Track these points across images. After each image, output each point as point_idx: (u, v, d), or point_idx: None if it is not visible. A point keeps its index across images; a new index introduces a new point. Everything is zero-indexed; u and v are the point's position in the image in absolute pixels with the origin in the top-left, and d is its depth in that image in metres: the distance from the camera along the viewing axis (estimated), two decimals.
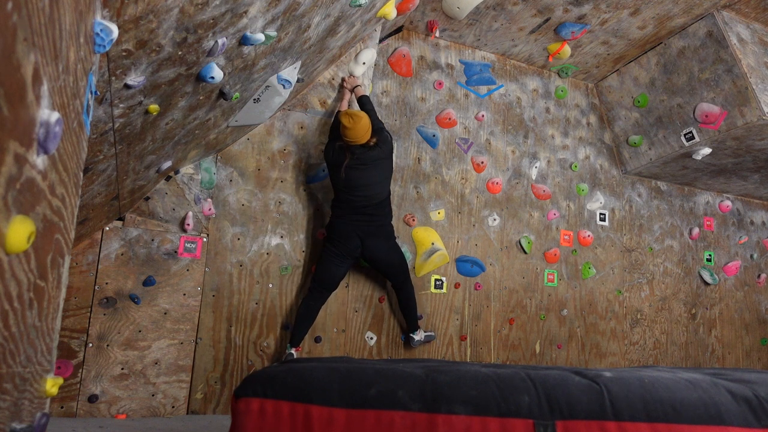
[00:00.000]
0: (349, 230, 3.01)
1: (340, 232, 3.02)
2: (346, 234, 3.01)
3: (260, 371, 1.45)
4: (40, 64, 0.66)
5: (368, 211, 3.04)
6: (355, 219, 3.02)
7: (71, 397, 2.59)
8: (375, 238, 3.07)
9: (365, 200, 3.02)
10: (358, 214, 3.03)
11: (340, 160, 2.99)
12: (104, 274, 2.74)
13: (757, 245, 5.23)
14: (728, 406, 1.39)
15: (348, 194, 3.00)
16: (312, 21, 2.23)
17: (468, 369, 1.49)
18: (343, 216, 3.03)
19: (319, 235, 3.31)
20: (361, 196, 3.00)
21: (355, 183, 2.99)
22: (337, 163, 3.00)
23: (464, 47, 4.09)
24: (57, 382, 0.96)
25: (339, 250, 3.02)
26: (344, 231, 3.01)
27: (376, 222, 3.07)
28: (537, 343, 3.98)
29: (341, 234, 3.02)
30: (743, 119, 3.54)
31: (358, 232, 3.02)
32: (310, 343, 3.22)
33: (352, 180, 2.98)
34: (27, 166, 0.65)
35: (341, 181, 2.99)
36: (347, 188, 2.99)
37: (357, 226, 3.02)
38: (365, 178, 2.99)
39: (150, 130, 1.98)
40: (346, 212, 3.03)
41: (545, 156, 4.30)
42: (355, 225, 3.02)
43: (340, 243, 3.02)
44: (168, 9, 1.32)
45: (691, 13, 3.60)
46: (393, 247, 3.16)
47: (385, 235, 3.11)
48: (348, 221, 3.02)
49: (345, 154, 2.99)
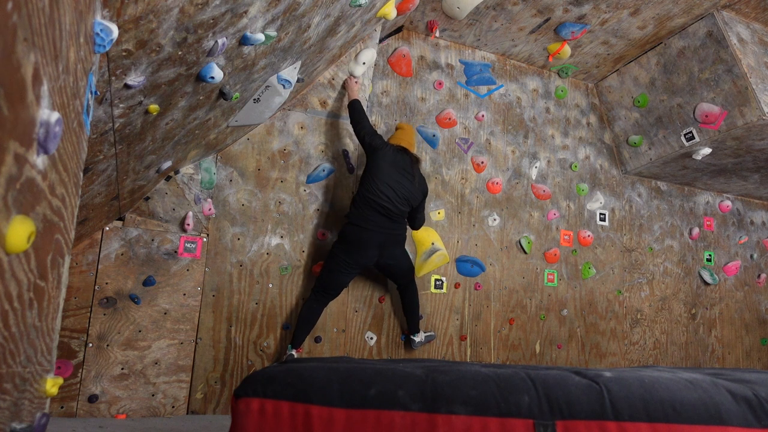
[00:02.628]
0: (369, 238, 2.92)
1: (360, 240, 2.92)
2: (365, 242, 2.92)
3: (260, 371, 1.45)
4: (40, 64, 0.66)
5: (396, 218, 2.99)
6: (380, 225, 2.93)
7: (71, 397, 2.60)
8: (393, 246, 3.04)
9: (401, 206, 2.99)
10: (384, 218, 2.95)
11: (400, 162, 3.02)
12: (104, 274, 2.74)
13: (757, 245, 5.23)
14: (728, 406, 1.39)
15: (386, 196, 2.94)
16: (312, 21, 2.23)
17: (468, 369, 1.49)
18: (366, 221, 2.91)
19: (319, 235, 3.31)
20: (398, 202, 2.97)
21: (403, 188, 2.99)
22: (394, 162, 3.00)
23: (464, 47, 4.09)
24: (57, 382, 0.96)
25: (352, 260, 2.94)
26: (364, 239, 2.92)
27: (398, 230, 3.03)
28: (537, 343, 3.98)
29: (360, 242, 2.92)
30: (743, 119, 3.54)
31: (380, 239, 2.94)
32: (310, 343, 3.22)
33: (403, 184, 3.00)
34: (27, 166, 0.65)
35: (391, 182, 2.95)
36: (392, 190, 2.95)
37: (379, 233, 2.94)
38: (411, 186, 3.03)
39: (150, 130, 1.99)
40: (371, 216, 2.92)
41: (545, 156, 4.30)
42: (377, 232, 2.93)
43: (356, 252, 2.93)
44: (168, 9, 1.32)
45: (691, 13, 3.60)
46: (405, 254, 3.18)
47: (401, 242, 3.11)
48: (371, 227, 2.91)
49: (409, 157, 3.07)
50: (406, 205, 3.03)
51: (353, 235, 2.92)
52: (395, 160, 3.01)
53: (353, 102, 3.16)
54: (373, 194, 2.93)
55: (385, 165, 2.98)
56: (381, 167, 2.97)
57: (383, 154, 3.00)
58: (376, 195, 2.93)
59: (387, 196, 2.94)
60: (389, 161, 2.99)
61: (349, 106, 3.18)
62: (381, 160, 2.99)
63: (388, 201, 2.94)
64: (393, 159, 3.01)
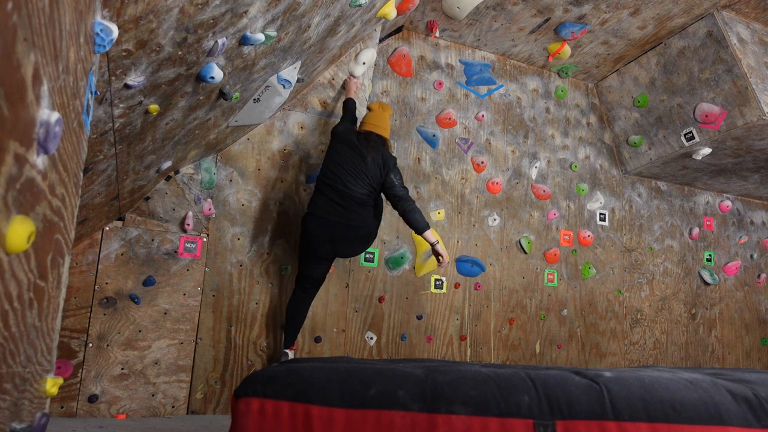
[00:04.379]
0: (318, 229, 2.74)
1: (310, 231, 2.76)
2: (315, 234, 2.75)
3: (260, 371, 1.45)
4: (40, 64, 0.66)
5: (351, 204, 2.74)
6: (331, 212, 2.73)
7: (71, 397, 2.59)
8: (350, 243, 2.81)
9: (356, 187, 2.75)
10: (335, 205, 2.73)
11: (354, 141, 2.82)
12: (104, 274, 2.74)
13: (757, 245, 5.23)
14: (728, 406, 1.39)
15: (337, 177, 2.75)
16: (312, 21, 2.23)
17: (468, 369, 1.49)
18: (315, 207, 2.77)
19: None
20: (352, 183, 2.75)
21: (357, 166, 2.76)
22: (349, 143, 2.82)
23: (464, 47, 4.09)
24: (57, 382, 0.96)
25: (310, 251, 2.81)
26: (313, 229, 2.75)
27: (355, 220, 2.75)
28: (537, 343, 3.98)
29: (311, 233, 2.76)
30: (743, 119, 3.54)
31: (330, 232, 2.74)
32: (310, 343, 3.22)
33: (357, 162, 2.76)
34: (27, 166, 0.65)
35: (342, 161, 2.76)
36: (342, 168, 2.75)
37: (330, 223, 2.73)
38: (364, 164, 2.77)
39: (150, 130, 1.98)
40: (321, 202, 2.76)
41: (545, 156, 4.30)
42: (327, 221, 2.73)
43: (312, 243, 2.78)
44: (168, 9, 1.32)
45: (691, 13, 3.60)
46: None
47: (363, 239, 2.83)
48: (321, 214, 2.74)
49: (366, 139, 2.84)
50: (365, 186, 2.77)
51: (306, 225, 2.78)
52: (349, 140, 2.83)
53: (346, 100, 3.18)
54: (325, 176, 2.78)
55: (338, 146, 2.83)
56: (333, 148, 2.85)
57: (337, 136, 2.89)
58: (327, 177, 2.76)
59: (339, 177, 2.74)
60: (341, 141, 2.84)
61: (343, 104, 3.19)
62: (335, 141, 2.87)
63: (340, 182, 2.73)
64: (346, 139, 2.84)
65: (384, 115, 2.98)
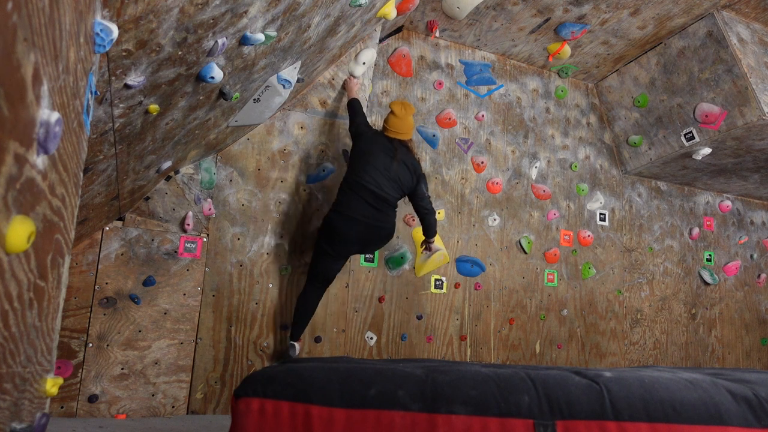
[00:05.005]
0: (350, 230, 2.76)
1: (341, 231, 2.76)
2: (346, 235, 2.77)
3: (260, 371, 1.45)
4: (40, 64, 0.66)
5: (382, 206, 2.80)
6: (364, 214, 2.75)
7: (71, 397, 2.59)
8: (375, 243, 2.89)
9: (390, 190, 2.81)
10: (369, 207, 2.76)
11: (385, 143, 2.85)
12: (104, 274, 2.74)
13: (757, 245, 5.23)
14: (728, 406, 1.39)
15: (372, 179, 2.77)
16: (312, 21, 2.23)
17: (468, 369, 1.49)
18: (349, 208, 2.75)
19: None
20: (387, 185, 2.80)
21: (391, 170, 2.79)
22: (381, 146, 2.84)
23: (464, 47, 4.09)
24: (57, 382, 0.96)
25: (333, 250, 2.82)
26: (345, 231, 2.76)
27: (383, 222, 2.82)
28: (537, 343, 3.98)
29: (341, 233, 2.77)
30: (743, 119, 3.54)
31: (362, 233, 2.78)
32: (310, 343, 3.22)
33: (391, 166, 2.80)
34: (27, 166, 0.65)
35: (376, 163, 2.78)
36: (378, 171, 2.78)
37: (363, 224, 2.75)
38: (399, 167, 2.82)
39: (150, 130, 1.99)
40: (356, 204, 2.75)
41: (545, 156, 4.30)
42: (360, 222, 2.75)
43: (337, 243, 2.80)
44: (168, 9, 1.32)
45: (691, 13, 3.60)
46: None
47: (385, 240, 2.91)
48: (355, 215, 2.74)
49: (396, 145, 2.86)
50: (397, 189, 2.84)
51: (335, 223, 2.77)
52: (380, 143, 2.86)
53: (351, 101, 3.17)
54: (359, 177, 2.78)
55: (369, 147, 2.83)
56: (363, 150, 2.84)
57: (366, 138, 2.89)
58: (361, 178, 2.77)
59: (374, 179, 2.77)
60: (372, 143, 2.85)
61: (348, 106, 3.18)
62: (363, 143, 2.86)
63: (375, 185, 2.77)
64: (376, 141, 2.87)
65: (408, 119, 2.92)
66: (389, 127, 2.92)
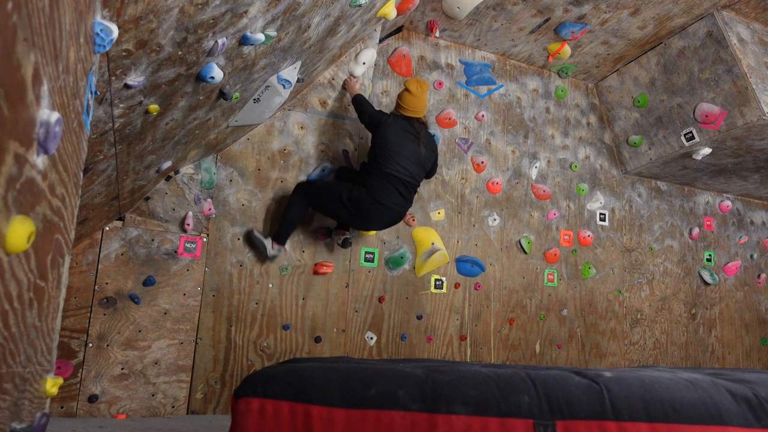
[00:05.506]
0: (381, 216, 2.87)
1: (371, 215, 2.85)
2: (374, 218, 2.88)
3: (260, 371, 1.45)
4: (40, 64, 0.66)
5: (409, 194, 2.94)
6: (395, 203, 2.86)
7: (71, 397, 2.60)
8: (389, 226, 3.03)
9: (418, 177, 2.94)
10: (400, 197, 2.88)
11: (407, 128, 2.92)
12: (104, 274, 2.74)
13: (757, 245, 5.23)
14: (728, 406, 1.39)
15: (406, 170, 2.87)
16: (312, 21, 2.23)
17: (468, 369, 1.49)
18: (385, 197, 2.83)
19: (320, 235, 3.31)
20: (416, 173, 2.92)
21: (418, 155, 2.91)
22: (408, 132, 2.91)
23: (464, 47, 4.09)
24: (57, 382, 0.96)
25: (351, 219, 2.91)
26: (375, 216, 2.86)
27: (406, 208, 2.95)
28: (537, 343, 3.98)
29: (370, 216, 2.86)
30: (743, 119, 3.54)
31: (389, 219, 2.91)
32: (310, 343, 3.22)
33: (416, 151, 2.90)
34: (27, 166, 0.65)
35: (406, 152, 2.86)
36: (409, 161, 2.87)
37: (392, 212, 2.87)
38: (421, 150, 2.93)
39: (150, 130, 1.99)
40: (391, 194, 2.85)
41: (545, 156, 4.30)
42: (390, 210, 2.86)
43: (360, 219, 2.88)
44: (168, 9, 1.32)
45: (691, 13, 3.60)
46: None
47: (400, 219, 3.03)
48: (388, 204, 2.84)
49: (412, 126, 2.94)
50: (423, 172, 3.01)
51: (366, 205, 2.83)
52: (401, 127, 2.93)
53: (355, 97, 3.17)
54: (392, 168, 2.85)
55: (394, 137, 2.89)
56: (390, 140, 2.89)
57: (386, 126, 2.92)
58: (394, 169, 2.85)
59: (407, 170, 2.88)
60: (395, 130, 2.91)
61: (353, 103, 3.17)
62: (387, 132, 2.91)
63: (408, 175, 2.89)
64: (397, 126, 2.93)
65: (424, 96, 3.01)
66: (406, 106, 2.99)
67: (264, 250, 3.02)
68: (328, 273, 3.30)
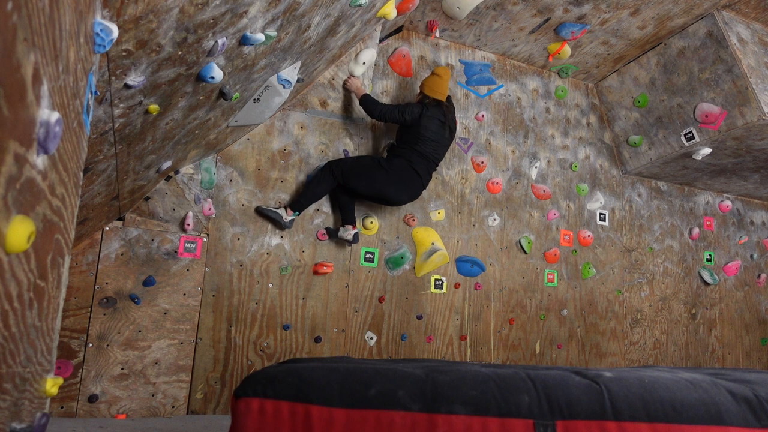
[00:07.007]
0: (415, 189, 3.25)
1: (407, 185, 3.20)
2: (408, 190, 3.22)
3: (260, 371, 1.45)
4: (40, 64, 0.66)
5: (433, 171, 3.36)
6: (426, 176, 3.27)
7: (71, 397, 2.60)
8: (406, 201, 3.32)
9: (440, 160, 3.34)
10: (427, 175, 3.29)
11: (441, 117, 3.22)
12: (104, 274, 2.74)
13: (757, 245, 5.23)
14: (728, 406, 1.39)
15: (439, 155, 3.29)
16: (312, 21, 2.23)
17: (468, 369, 1.49)
18: (421, 170, 3.21)
19: (319, 235, 3.31)
20: (443, 154, 3.34)
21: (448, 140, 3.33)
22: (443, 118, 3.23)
23: (464, 47, 4.09)
24: (57, 382, 0.96)
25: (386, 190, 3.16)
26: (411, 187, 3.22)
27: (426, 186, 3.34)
28: (537, 343, 3.98)
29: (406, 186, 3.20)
30: (743, 119, 3.54)
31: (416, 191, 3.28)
32: (310, 343, 3.22)
33: (447, 137, 3.31)
34: (27, 166, 0.65)
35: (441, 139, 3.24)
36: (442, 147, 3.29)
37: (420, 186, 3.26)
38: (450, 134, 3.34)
39: (150, 130, 1.99)
40: (427, 168, 3.25)
41: (545, 156, 4.30)
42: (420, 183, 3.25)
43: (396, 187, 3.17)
44: (168, 9, 1.32)
45: (691, 13, 3.59)
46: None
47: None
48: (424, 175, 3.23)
49: (441, 110, 3.25)
50: (446, 151, 3.41)
51: (406, 171, 3.17)
52: (437, 117, 3.21)
53: (364, 97, 3.19)
54: (428, 152, 3.22)
55: (434, 126, 3.20)
56: (432, 130, 3.20)
57: (427, 117, 3.18)
58: (430, 153, 3.22)
59: (437, 152, 3.28)
60: (436, 122, 3.20)
61: (362, 103, 3.18)
62: (430, 123, 3.19)
63: (437, 156, 3.30)
64: (435, 117, 3.20)
65: (448, 79, 3.35)
66: (437, 89, 3.28)
67: (279, 218, 3.14)
68: (328, 273, 3.30)
